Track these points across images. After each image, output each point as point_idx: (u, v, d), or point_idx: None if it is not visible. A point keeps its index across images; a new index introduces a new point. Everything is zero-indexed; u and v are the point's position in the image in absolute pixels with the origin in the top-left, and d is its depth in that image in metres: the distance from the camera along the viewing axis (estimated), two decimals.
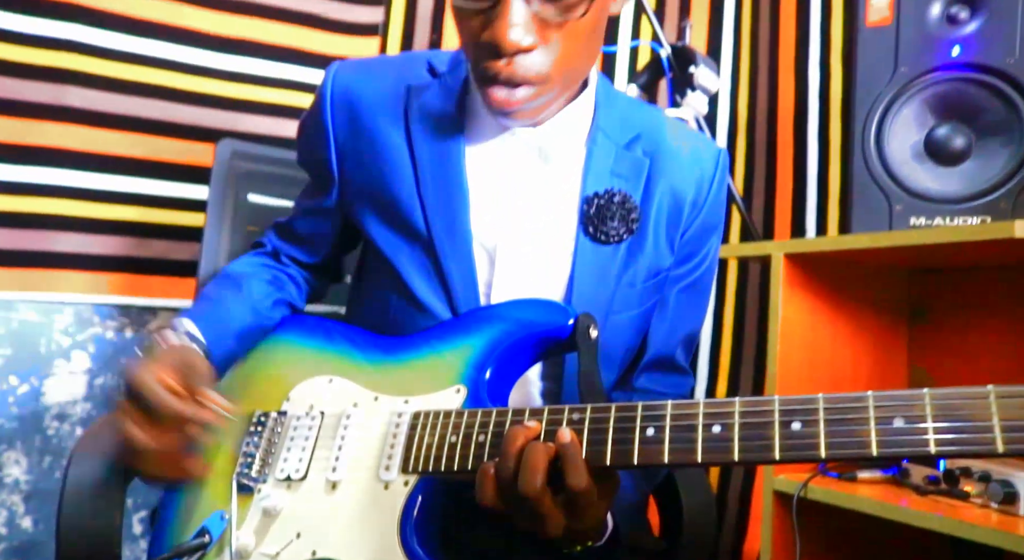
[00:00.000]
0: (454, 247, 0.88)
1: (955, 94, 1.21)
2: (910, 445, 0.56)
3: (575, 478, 0.64)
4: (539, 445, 0.66)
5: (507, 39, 0.75)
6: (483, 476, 0.68)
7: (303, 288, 1.04)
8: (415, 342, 0.87)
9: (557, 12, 0.77)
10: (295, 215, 1.04)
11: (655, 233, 0.92)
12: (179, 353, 0.80)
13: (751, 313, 1.75)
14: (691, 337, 1.00)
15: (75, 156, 1.63)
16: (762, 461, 0.60)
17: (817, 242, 1.26)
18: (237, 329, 0.93)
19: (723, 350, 1.79)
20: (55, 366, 1.67)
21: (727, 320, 1.79)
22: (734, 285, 1.79)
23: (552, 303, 0.84)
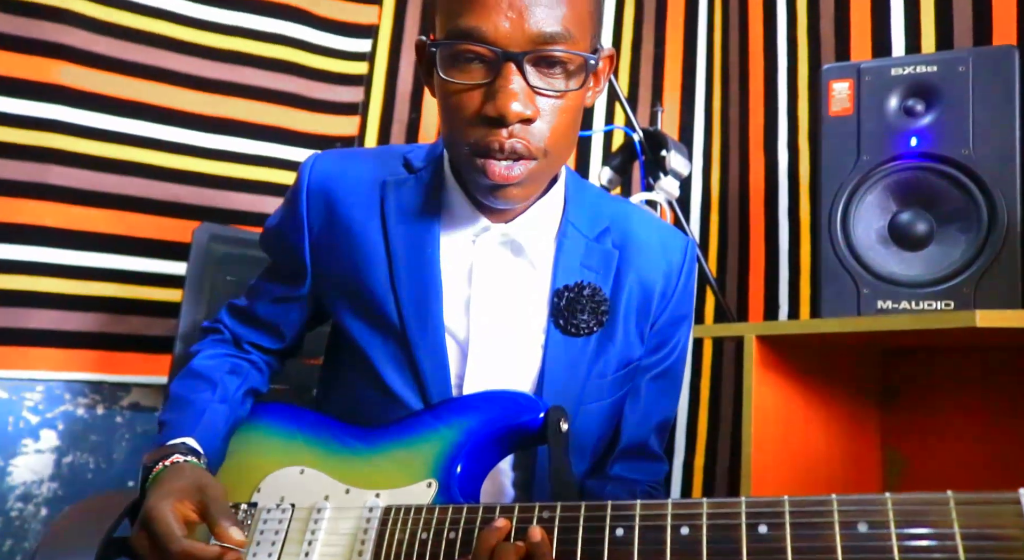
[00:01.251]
0: (426, 339, 0.89)
1: (915, 182, 1.25)
2: (875, 551, 0.57)
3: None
4: (509, 546, 0.66)
5: (511, 109, 0.78)
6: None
7: (266, 373, 1.04)
8: (387, 433, 0.87)
9: (552, 86, 0.81)
10: (257, 299, 1.03)
11: (625, 324, 0.93)
12: (191, 478, 0.81)
13: (727, 389, 1.77)
14: (664, 424, 1.01)
15: (55, 233, 1.63)
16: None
17: (788, 325, 1.29)
18: (224, 432, 0.94)
19: (700, 426, 1.80)
20: (22, 445, 1.64)
21: (703, 396, 1.80)
22: (709, 362, 1.80)
23: (522, 396, 0.85)
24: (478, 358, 0.90)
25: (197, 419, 0.91)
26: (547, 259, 0.93)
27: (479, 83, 0.80)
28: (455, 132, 0.84)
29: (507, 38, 0.77)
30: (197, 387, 0.96)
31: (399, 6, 2.00)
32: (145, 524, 0.76)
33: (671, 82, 1.92)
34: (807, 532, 0.59)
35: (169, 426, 0.91)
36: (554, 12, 0.78)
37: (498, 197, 0.85)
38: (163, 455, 0.85)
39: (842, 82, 1.32)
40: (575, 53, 0.80)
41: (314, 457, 0.89)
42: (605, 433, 0.95)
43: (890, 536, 0.57)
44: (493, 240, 0.92)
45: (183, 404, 0.94)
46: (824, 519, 0.59)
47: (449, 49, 0.80)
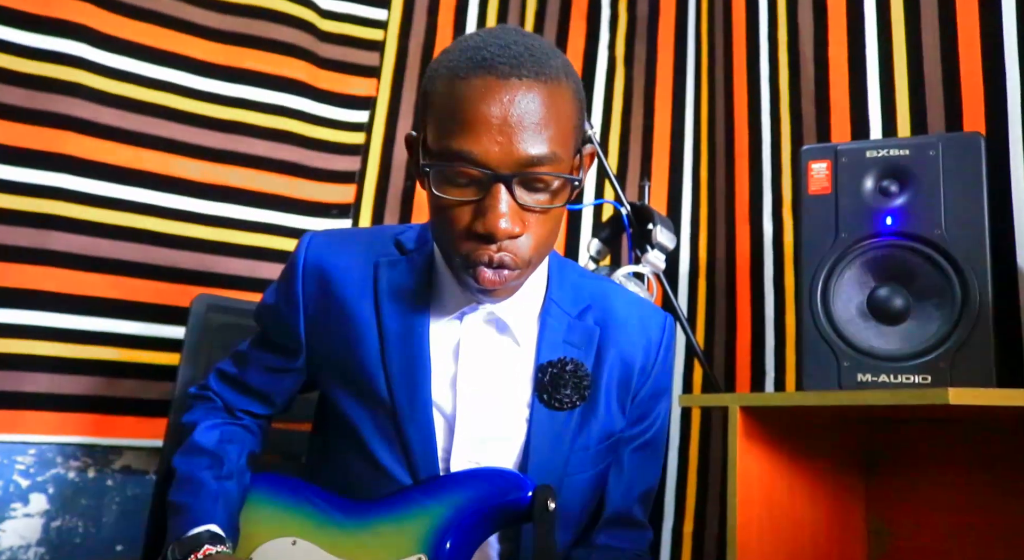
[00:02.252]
0: (415, 415, 0.92)
1: (892, 259, 1.29)
2: None
3: None
4: None
5: (500, 228, 0.82)
6: None
7: (259, 435, 1.07)
8: (378, 507, 0.89)
9: (537, 203, 0.85)
10: (249, 367, 1.05)
11: (607, 398, 0.97)
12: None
13: (715, 456, 1.78)
14: (648, 493, 1.04)
15: (54, 298, 1.66)
16: None
17: (770, 397, 1.32)
18: (237, 509, 0.97)
19: (688, 492, 1.81)
20: (11, 509, 1.64)
21: (692, 464, 1.82)
22: (698, 430, 1.82)
23: (511, 474, 0.88)
24: (464, 432, 0.92)
25: (214, 503, 0.94)
26: (531, 336, 0.97)
27: (470, 200, 0.84)
28: (447, 242, 0.88)
29: (496, 160, 0.82)
30: (203, 464, 0.98)
31: (396, 79, 2.08)
32: None
33: (659, 156, 1.99)
34: None
35: (187, 510, 0.93)
36: (540, 136, 0.82)
37: (486, 298, 0.91)
38: (193, 546, 0.87)
39: (820, 162, 1.38)
40: (560, 175, 0.85)
41: (306, 529, 0.91)
42: (589, 504, 0.98)
43: None
44: (479, 318, 0.96)
45: (195, 485, 0.96)
46: None
47: (441, 169, 0.84)
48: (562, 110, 0.84)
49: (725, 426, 1.77)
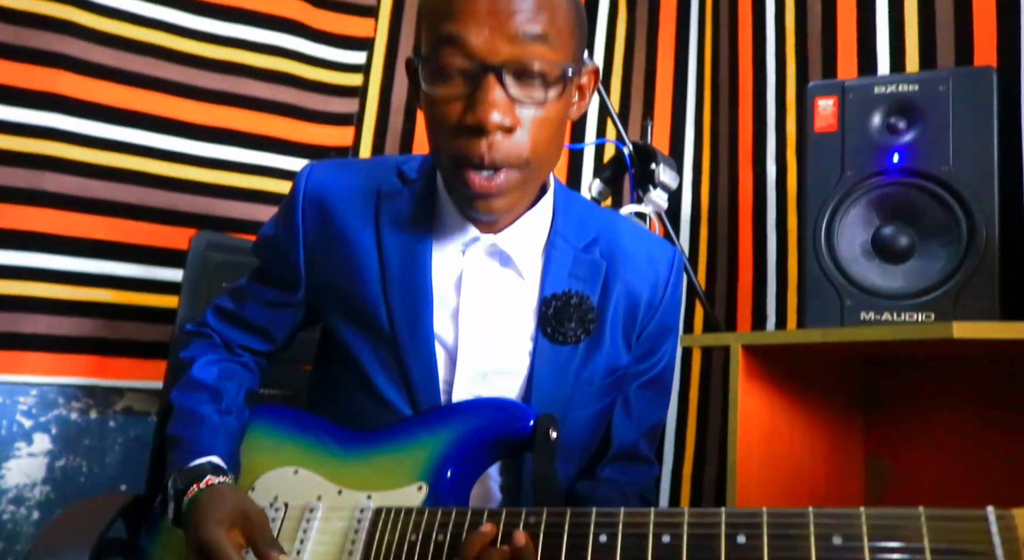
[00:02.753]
0: (416, 346, 0.91)
1: (897, 197, 1.28)
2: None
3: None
4: (494, 552, 0.68)
5: (490, 119, 0.79)
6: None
7: (257, 373, 1.06)
8: (380, 437, 0.89)
9: (531, 97, 0.82)
10: (247, 302, 1.04)
11: (612, 333, 0.96)
12: (234, 503, 0.82)
13: (715, 398, 1.79)
14: (654, 429, 1.03)
15: (50, 239, 1.65)
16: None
17: (773, 335, 1.31)
18: (238, 444, 0.96)
19: (688, 435, 1.82)
20: (15, 449, 1.65)
21: (692, 402, 1.82)
22: (698, 372, 1.83)
23: (513, 404, 0.87)
24: (466, 365, 0.92)
25: (215, 436, 0.92)
26: (535, 269, 0.96)
27: (460, 94, 0.82)
28: (438, 143, 0.86)
29: (486, 46, 0.79)
30: (203, 399, 0.97)
31: (394, 19, 2.03)
32: (203, 552, 0.78)
33: (662, 96, 1.95)
34: (784, 543, 0.61)
35: (187, 443, 0.91)
36: (533, 19, 0.80)
37: (480, 208, 0.87)
38: (195, 477, 0.86)
39: (827, 99, 1.35)
40: (553, 62, 0.82)
41: (308, 458, 0.91)
42: (592, 440, 0.97)
43: (863, 549, 0.59)
44: (482, 250, 0.95)
45: (194, 419, 0.94)
46: (801, 531, 0.61)
47: (431, 63, 0.82)
48: (557, 3, 0.82)
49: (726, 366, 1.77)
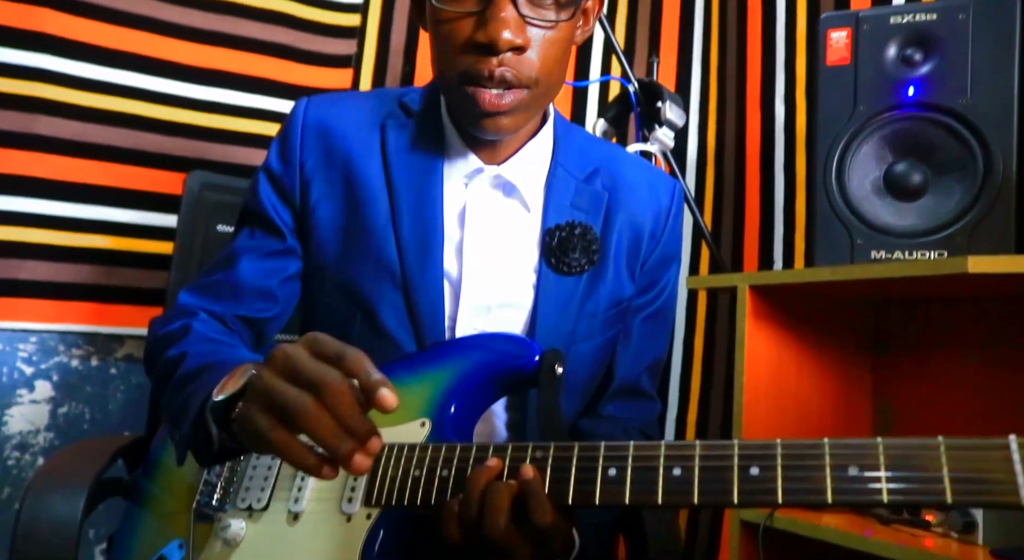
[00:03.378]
0: (424, 282, 0.89)
1: (912, 132, 1.24)
2: (863, 493, 0.57)
3: (540, 515, 0.65)
4: (501, 486, 0.66)
5: (502, 37, 0.78)
6: (447, 518, 0.68)
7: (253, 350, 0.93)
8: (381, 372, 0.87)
9: (542, 17, 0.81)
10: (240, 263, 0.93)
11: (616, 263, 0.94)
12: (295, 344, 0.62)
13: (721, 342, 1.77)
14: (656, 364, 1.02)
15: (43, 184, 1.62)
16: (721, 505, 0.61)
17: (781, 275, 1.28)
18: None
19: (693, 377, 1.81)
20: (17, 395, 1.64)
21: (697, 349, 1.81)
22: (704, 315, 1.81)
23: (518, 338, 0.85)
24: (470, 299, 0.90)
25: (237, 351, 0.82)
26: (538, 200, 0.94)
27: (471, 11, 0.81)
28: (446, 61, 0.84)
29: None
30: (213, 339, 0.86)
31: None
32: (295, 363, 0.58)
33: (668, 34, 1.90)
34: (798, 474, 0.59)
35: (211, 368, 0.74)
36: None
37: (488, 126, 0.85)
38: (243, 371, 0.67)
39: (840, 31, 1.30)
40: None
41: None
42: (596, 374, 0.96)
43: (880, 479, 0.57)
44: (486, 182, 0.92)
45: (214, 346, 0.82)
46: (815, 462, 0.59)
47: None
48: None
49: (732, 309, 1.76)
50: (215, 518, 0.82)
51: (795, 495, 0.58)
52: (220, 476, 0.85)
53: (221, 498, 0.84)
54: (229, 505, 0.83)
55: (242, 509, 0.82)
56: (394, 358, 0.89)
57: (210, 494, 0.84)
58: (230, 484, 0.84)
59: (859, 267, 1.16)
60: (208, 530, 0.82)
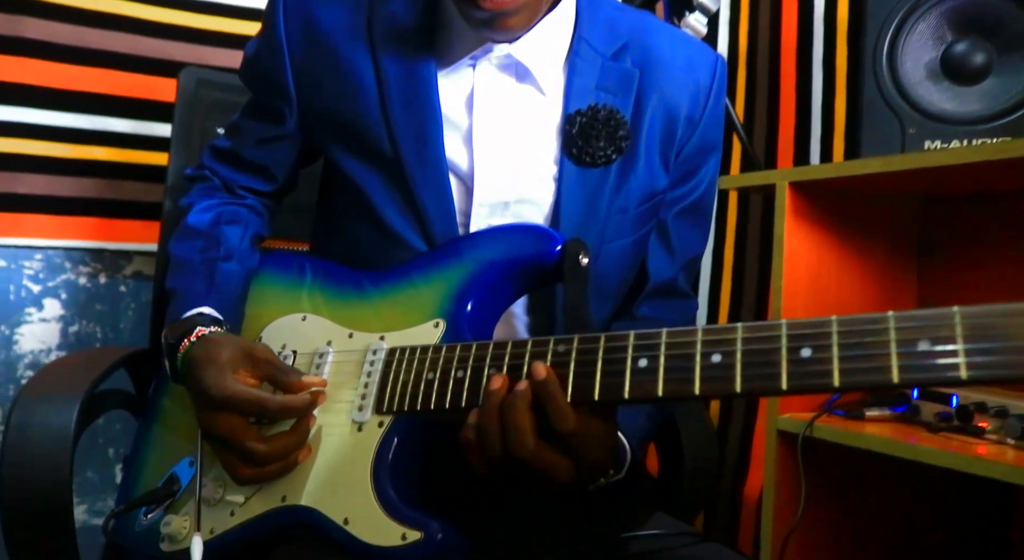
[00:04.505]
0: (426, 174, 0.81)
1: (975, 6, 1.12)
2: (937, 370, 0.49)
3: (559, 422, 0.58)
4: (517, 402, 0.59)
5: None
6: (471, 453, 0.62)
7: (265, 215, 0.97)
8: (391, 275, 0.80)
9: None
10: (242, 141, 0.94)
11: (647, 152, 0.84)
12: (232, 347, 0.74)
13: (752, 248, 1.68)
14: (694, 262, 0.94)
15: (33, 91, 1.53)
16: (767, 392, 0.53)
17: (824, 169, 1.18)
18: (239, 291, 0.87)
19: (723, 287, 1.73)
20: (26, 314, 1.60)
21: (727, 256, 1.72)
22: (734, 219, 1.71)
23: (538, 228, 0.77)
24: (483, 195, 0.81)
25: (208, 285, 0.84)
26: (557, 83, 0.83)
27: None
28: None
29: None
30: (200, 247, 0.88)
31: None
32: (225, 405, 0.70)
33: None
34: (857, 352, 0.51)
35: (181, 295, 0.83)
36: None
37: (495, 29, 0.75)
38: (185, 330, 0.78)
39: None
40: None
41: (316, 303, 0.83)
42: (628, 275, 0.87)
43: (956, 353, 0.49)
44: (495, 63, 0.82)
45: (190, 268, 0.86)
46: (877, 338, 0.50)
47: None
48: None
49: (765, 214, 1.67)
50: None
51: (854, 376, 0.50)
52: None
53: None
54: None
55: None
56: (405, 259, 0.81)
57: None
58: None
59: (913, 156, 1.06)
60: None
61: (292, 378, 0.73)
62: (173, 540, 0.78)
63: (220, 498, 0.76)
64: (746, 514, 1.66)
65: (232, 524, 0.74)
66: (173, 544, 0.78)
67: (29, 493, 0.73)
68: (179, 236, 0.90)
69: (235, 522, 0.74)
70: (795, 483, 1.18)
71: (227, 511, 0.75)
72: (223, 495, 0.76)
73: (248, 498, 0.74)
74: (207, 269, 0.85)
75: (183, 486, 0.80)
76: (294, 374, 0.73)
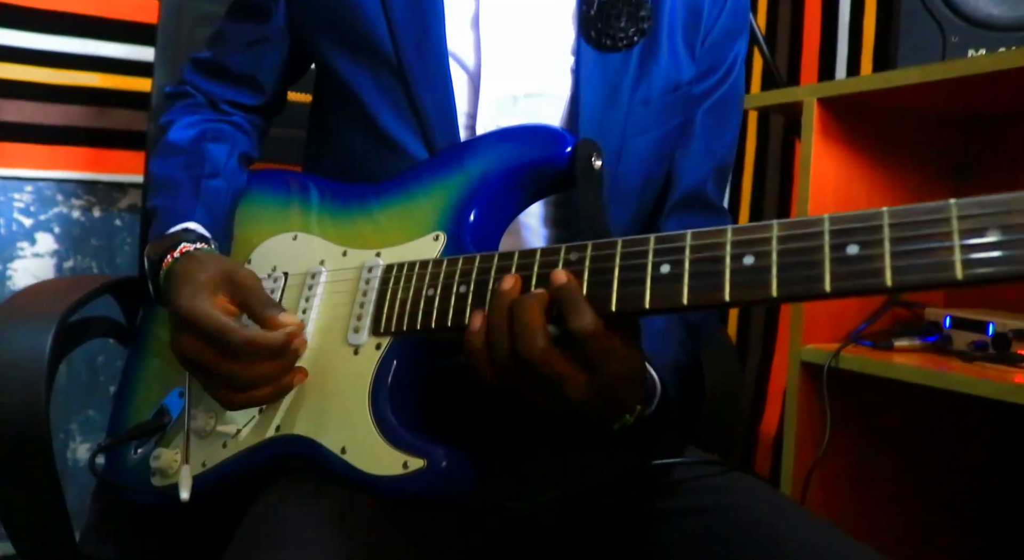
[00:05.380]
0: (426, 70, 0.73)
1: None
2: (1011, 263, 0.42)
3: (577, 319, 0.52)
4: (528, 297, 0.53)
5: None
6: (475, 356, 0.56)
7: (253, 135, 0.89)
8: (387, 188, 0.73)
9: None
10: (225, 48, 0.87)
11: (671, 37, 0.76)
12: (215, 267, 0.67)
13: (772, 176, 1.61)
14: (723, 167, 0.86)
15: (18, 12, 1.45)
16: (808, 295, 0.47)
17: (856, 82, 1.09)
18: (227, 208, 0.80)
19: (741, 218, 1.66)
20: (18, 248, 1.55)
21: (746, 184, 1.64)
22: (753, 143, 1.63)
23: (544, 128, 0.69)
24: (491, 89, 0.74)
25: (193, 200, 0.77)
26: None
27: None
28: None
29: None
30: (183, 163, 0.81)
31: None
32: (188, 326, 0.63)
33: None
34: (913, 247, 0.44)
35: (164, 212, 0.77)
36: None
37: None
38: (169, 245, 0.71)
39: None
40: None
41: (307, 222, 0.77)
42: (653, 177, 0.79)
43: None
44: None
45: (174, 185, 0.79)
46: (936, 229, 0.43)
47: None
48: None
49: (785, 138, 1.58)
50: None
51: (909, 274, 0.44)
52: None
53: None
54: None
55: None
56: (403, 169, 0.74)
57: None
58: None
59: (958, 63, 0.97)
60: None
61: (267, 313, 0.64)
62: (164, 474, 0.73)
63: (211, 430, 0.71)
64: (762, 451, 1.62)
65: (224, 456, 0.70)
66: (164, 478, 0.73)
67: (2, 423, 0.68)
68: (160, 154, 0.84)
69: (228, 454, 0.70)
70: (818, 416, 1.12)
71: (219, 443, 0.70)
72: (214, 426, 0.71)
73: (240, 429, 0.69)
74: (192, 185, 0.79)
75: (173, 418, 0.75)
76: (272, 309, 0.65)
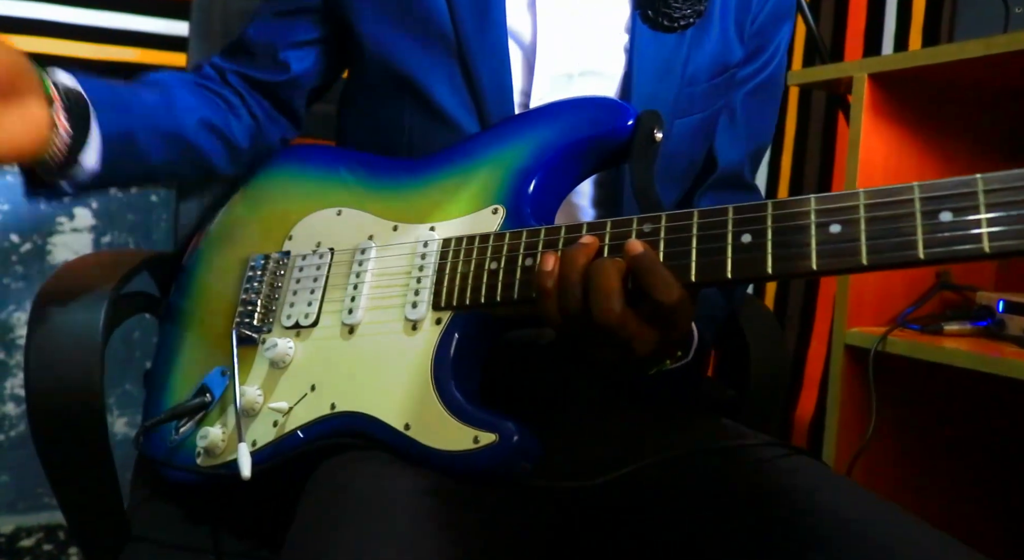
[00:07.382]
0: (485, 45, 0.72)
1: None
2: None
3: (664, 294, 0.51)
4: (606, 261, 0.52)
5: None
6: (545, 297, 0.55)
7: (244, 119, 0.85)
8: (439, 161, 0.72)
9: None
10: (254, 21, 0.84)
11: (722, 19, 0.75)
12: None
13: (812, 156, 1.57)
14: (759, 152, 0.86)
15: None
16: (899, 263, 0.46)
17: (912, 56, 1.06)
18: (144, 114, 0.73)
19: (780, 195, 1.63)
20: (57, 224, 1.56)
21: (785, 161, 1.61)
22: (794, 122, 1.60)
23: (607, 100, 0.68)
24: (547, 66, 0.73)
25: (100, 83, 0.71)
26: None
27: None
28: None
29: None
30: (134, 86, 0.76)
31: None
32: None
33: None
34: (1013, 213, 0.43)
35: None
36: None
37: None
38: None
39: None
40: None
41: (352, 196, 0.76)
42: (696, 158, 0.79)
43: None
44: None
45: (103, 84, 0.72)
46: None
47: None
48: None
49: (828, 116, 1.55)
50: (259, 340, 0.71)
51: (1007, 240, 0.43)
52: (259, 293, 0.73)
53: (263, 317, 0.73)
54: (273, 324, 0.72)
55: (288, 327, 0.70)
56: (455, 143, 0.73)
57: (250, 314, 0.73)
58: (271, 302, 0.73)
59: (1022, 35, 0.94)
60: (253, 353, 0.71)
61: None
62: (211, 454, 0.71)
63: (260, 408, 0.70)
64: (797, 437, 1.60)
65: (276, 435, 0.68)
66: (211, 458, 0.71)
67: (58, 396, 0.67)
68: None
69: (280, 433, 0.68)
70: (862, 401, 1.10)
71: (270, 421, 0.69)
72: (263, 404, 0.70)
73: (292, 407, 0.68)
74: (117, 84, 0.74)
75: (216, 397, 0.74)
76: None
